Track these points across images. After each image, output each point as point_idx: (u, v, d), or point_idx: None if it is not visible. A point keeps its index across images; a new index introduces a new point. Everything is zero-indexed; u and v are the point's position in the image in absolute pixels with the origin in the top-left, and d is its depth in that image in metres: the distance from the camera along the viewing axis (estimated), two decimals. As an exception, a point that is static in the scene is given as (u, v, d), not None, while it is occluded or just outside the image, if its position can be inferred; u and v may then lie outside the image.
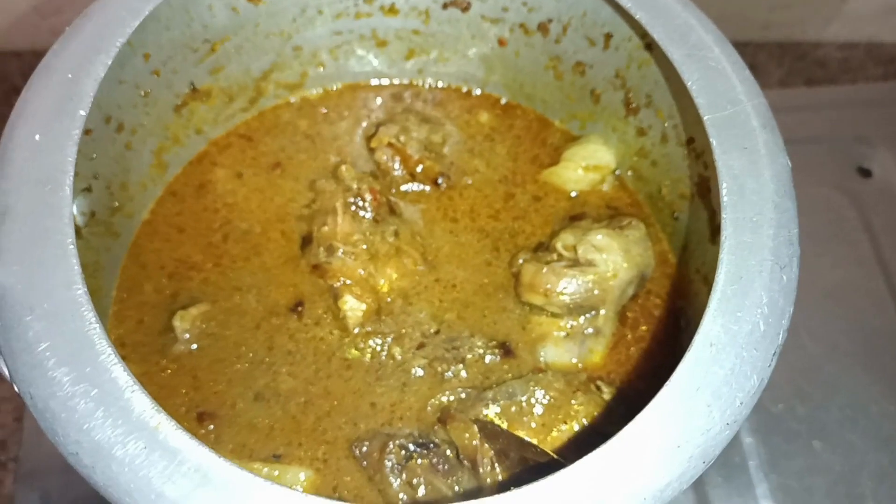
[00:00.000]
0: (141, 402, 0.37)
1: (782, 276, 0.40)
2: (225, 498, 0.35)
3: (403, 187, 0.64)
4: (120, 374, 0.37)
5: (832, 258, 0.86)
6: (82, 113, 0.43)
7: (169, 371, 0.57)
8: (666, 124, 0.57)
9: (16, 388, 0.40)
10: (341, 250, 0.58)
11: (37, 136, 0.43)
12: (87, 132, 0.51)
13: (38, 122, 0.43)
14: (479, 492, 0.51)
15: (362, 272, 0.58)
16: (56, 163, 0.42)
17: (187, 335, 0.57)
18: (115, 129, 0.55)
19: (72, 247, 0.40)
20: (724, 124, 0.44)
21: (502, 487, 0.51)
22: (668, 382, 0.37)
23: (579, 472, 0.36)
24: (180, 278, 0.60)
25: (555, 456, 0.49)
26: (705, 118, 0.44)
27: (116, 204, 0.58)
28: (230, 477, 0.36)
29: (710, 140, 0.44)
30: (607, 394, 0.56)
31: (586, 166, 0.64)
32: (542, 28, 0.60)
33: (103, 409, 0.37)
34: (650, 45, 0.54)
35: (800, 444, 0.77)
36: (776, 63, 1.27)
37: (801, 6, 1.17)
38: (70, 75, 0.44)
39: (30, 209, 0.41)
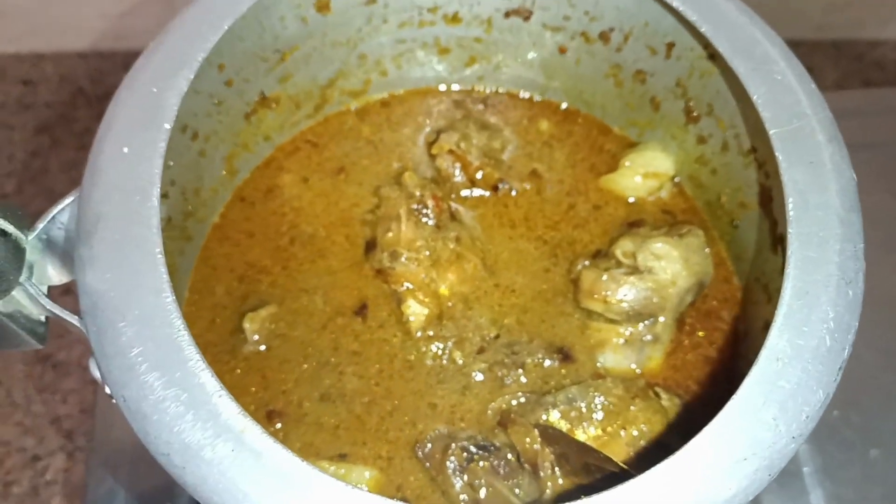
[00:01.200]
0: (227, 406, 0.39)
1: (848, 291, 0.41)
2: (306, 497, 0.37)
3: (464, 193, 0.65)
4: (207, 379, 0.39)
5: (890, 266, 0.86)
6: (167, 126, 0.45)
7: (239, 371, 0.59)
8: (727, 133, 0.57)
9: (107, 391, 0.43)
10: (405, 256, 0.60)
11: (125, 149, 0.45)
12: (165, 142, 0.54)
13: (126, 135, 0.45)
14: (539, 497, 0.52)
15: (424, 277, 0.60)
16: (144, 173, 0.44)
17: (256, 336, 0.59)
18: (190, 138, 0.57)
19: (160, 255, 0.42)
20: (790, 138, 0.45)
21: (563, 493, 0.52)
22: (734, 396, 0.38)
23: (648, 483, 0.37)
24: (250, 281, 0.62)
25: (617, 461, 0.50)
26: (771, 132, 0.45)
27: (190, 208, 0.60)
28: (311, 480, 0.37)
29: (776, 154, 0.44)
30: (665, 400, 0.56)
31: (645, 173, 0.64)
32: (603, 37, 0.61)
33: (193, 412, 0.39)
34: (713, 56, 0.55)
35: (855, 453, 0.77)
36: (832, 64, 1.25)
37: (858, 6, 1.15)
38: (154, 89, 0.46)
39: (120, 217, 0.43)
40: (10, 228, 0.43)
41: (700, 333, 0.59)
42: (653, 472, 0.37)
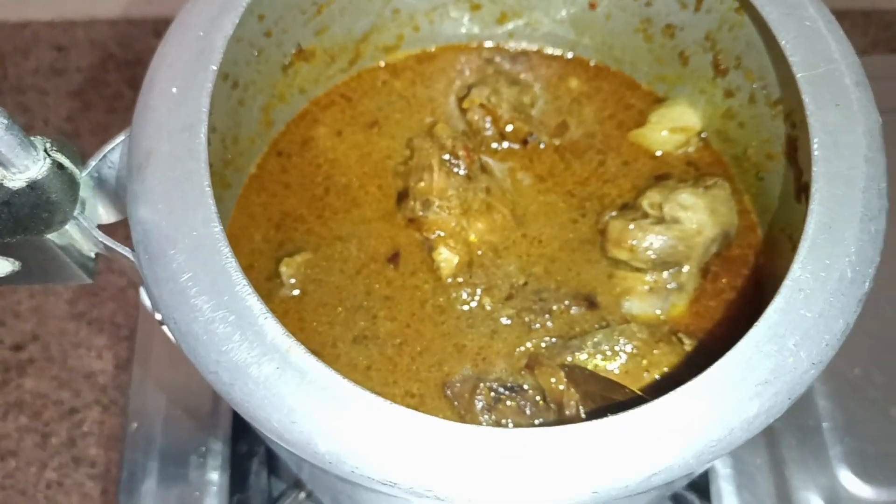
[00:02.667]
0: (273, 328, 0.41)
1: (871, 226, 0.42)
2: (348, 412, 0.39)
3: (493, 145, 0.67)
4: (254, 302, 0.41)
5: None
6: (213, 68, 0.47)
7: (276, 314, 0.61)
8: (755, 85, 0.58)
9: (158, 316, 0.45)
10: (436, 204, 0.61)
11: (174, 89, 0.47)
12: (208, 88, 0.56)
13: (175, 75, 0.47)
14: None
15: (455, 225, 0.62)
16: (192, 112, 0.46)
17: (293, 280, 0.61)
18: (231, 86, 0.59)
19: (208, 188, 0.44)
20: (818, 82, 0.46)
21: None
22: (756, 323, 0.40)
23: (673, 402, 0.39)
24: (286, 229, 0.64)
25: (642, 395, 0.51)
26: (798, 76, 0.46)
27: (229, 156, 0.62)
28: (352, 394, 0.39)
29: (804, 97, 0.45)
30: (688, 345, 0.58)
31: (672, 128, 0.65)
32: (634, -8, 0.62)
33: (240, 332, 0.41)
34: (743, 7, 0.56)
35: (876, 411, 0.78)
36: (861, 32, 1.25)
37: (889, -27, 1.15)
38: (202, 32, 0.48)
39: (171, 153, 0.45)
40: (66, 162, 0.45)
41: (724, 280, 0.60)
42: (676, 394, 0.39)
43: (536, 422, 0.57)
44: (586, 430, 0.38)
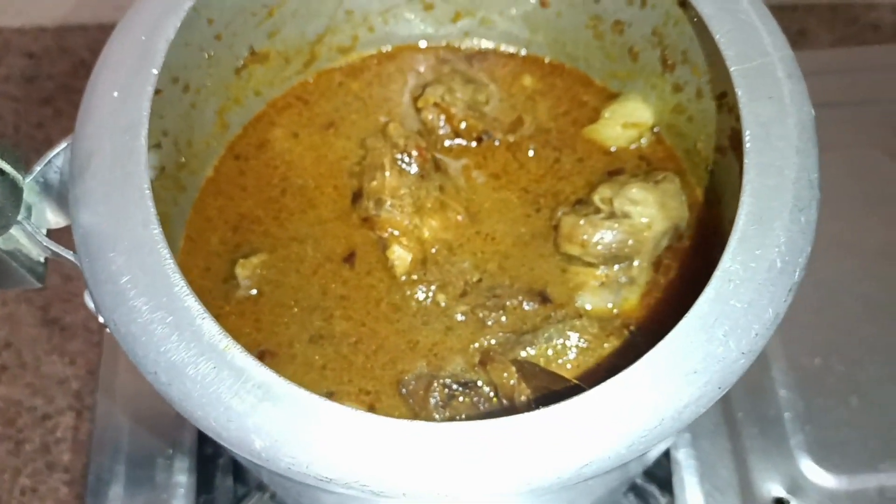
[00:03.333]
0: (210, 328, 0.41)
1: (801, 217, 0.43)
2: (285, 411, 0.40)
3: (447, 142, 0.67)
4: (192, 303, 0.42)
5: (875, 219, 0.87)
6: (154, 71, 0.47)
7: (233, 315, 0.61)
8: (701, 80, 0.59)
9: (100, 319, 0.45)
10: (389, 203, 0.62)
11: (115, 93, 0.47)
12: (157, 92, 0.55)
13: (116, 79, 0.48)
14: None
15: (408, 224, 0.62)
16: (133, 115, 0.46)
17: (248, 281, 0.62)
18: (181, 90, 0.59)
19: (148, 191, 0.44)
20: (752, 75, 0.46)
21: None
22: (687, 314, 0.40)
23: (603, 394, 0.39)
24: (243, 231, 0.64)
25: (580, 384, 0.52)
26: (732, 69, 0.46)
27: (183, 160, 0.62)
28: (289, 392, 0.40)
29: (737, 90, 0.46)
30: (639, 338, 0.59)
31: (625, 123, 0.66)
32: (582, -12, 0.63)
33: (178, 333, 0.41)
34: (684, 2, 0.56)
35: (836, 399, 0.79)
36: (826, 27, 1.26)
37: (853, -33, 1.16)
38: (143, 37, 0.49)
39: (111, 155, 0.45)
40: (6, 168, 0.46)
41: (675, 272, 0.61)
42: (608, 384, 0.39)
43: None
44: (517, 423, 0.39)
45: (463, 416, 0.58)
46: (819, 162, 0.45)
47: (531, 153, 0.67)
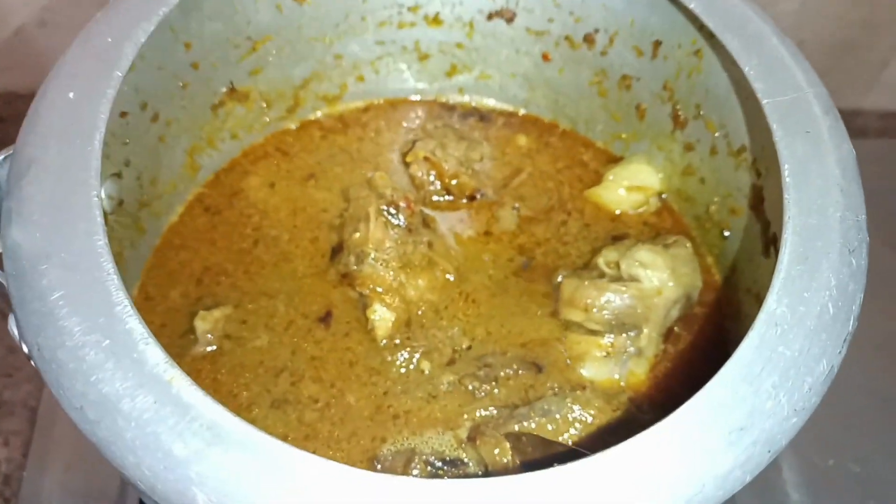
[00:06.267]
0: (155, 354, 0.34)
1: (851, 259, 0.37)
2: (237, 457, 0.32)
3: (437, 199, 0.62)
4: (135, 325, 0.35)
5: (884, 313, 0.82)
6: (118, 73, 0.42)
7: (189, 373, 0.53)
8: (716, 135, 0.55)
9: (24, 348, 0.38)
10: (372, 256, 0.56)
11: (70, 94, 0.41)
12: (122, 115, 0.51)
13: (74, 82, 0.42)
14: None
15: (393, 280, 0.56)
16: (88, 118, 0.40)
17: (209, 336, 0.54)
18: (150, 118, 0.54)
19: (96, 199, 0.38)
20: (785, 109, 0.42)
21: None
22: (730, 360, 0.34)
23: (628, 453, 0.32)
24: (207, 283, 0.58)
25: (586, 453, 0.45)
26: (764, 102, 0.42)
27: (145, 198, 0.56)
28: (244, 436, 0.32)
29: (771, 124, 0.41)
30: (649, 416, 0.52)
31: (629, 186, 0.61)
32: (588, 40, 0.59)
33: (114, 360, 0.34)
34: (701, 51, 0.53)
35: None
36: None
37: (838, 73, 1.16)
38: (110, 39, 0.43)
39: (57, 161, 0.39)
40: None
41: (687, 345, 0.54)
42: (634, 441, 0.32)
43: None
44: (519, 484, 0.31)
45: (446, 499, 0.49)
46: (865, 203, 0.40)
47: (527, 213, 0.62)
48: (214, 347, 0.54)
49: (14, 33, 1.01)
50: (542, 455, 0.47)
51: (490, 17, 0.61)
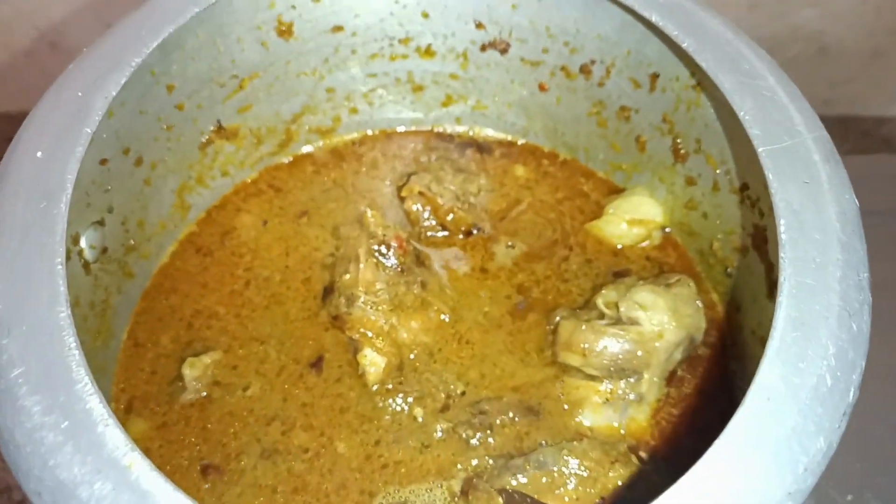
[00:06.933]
0: (114, 437, 0.33)
1: (852, 324, 0.35)
2: (196, 551, 0.31)
3: (431, 234, 0.60)
4: (95, 405, 0.33)
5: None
6: (88, 130, 0.41)
7: (176, 420, 0.53)
8: (718, 171, 0.53)
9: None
10: (362, 299, 0.54)
11: (39, 153, 0.40)
12: (102, 162, 0.50)
13: (42, 139, 0.41)
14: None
15: (384, 324, 0.54)
16: (56, 179, 0.39)
17: (197, 384, 0.53)
18: (133, 162, 0.53)
19: (60, 267, 0.37)
20: (782, 157, 0.40)
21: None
22: (717, 439, 0.32)
23: (610, 541, 0.30)
24: (198, 328, 0.56)
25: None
26: (760, 150, 0.40)
27: (132, 242, 0.55)
28: (204, 526, 0.31)
29: (766, 174, 0.39)
30: (650, 466, 0.50)
31: (630, 220, 0.59)
32: (585, 70, 0.57)
33: (72, 443, 0.33)
34: (699, 84, 0.50)
35: (871, 543, 0.69)
36: (839, 139, 1.22)
37: (862, 80, 1.13)
38: (80, 93, 0.42)
39: (22, 225, 0.38)
40: None
41: (690, 387, 0.52)
42: (617, 529, 0.30)
43: (470, 558, 0.48)
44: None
45: (438, 556, 0.48)
46: (868, 260, 0.37)
47: (526, 248, 0.60)
48: (204, 394, 0.53)
49: (25, 55, 1.00)
50: (534, 516, 0.45)
51: (483, 48, 0.59)
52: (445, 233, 0.60)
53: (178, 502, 0.31)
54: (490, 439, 0.52)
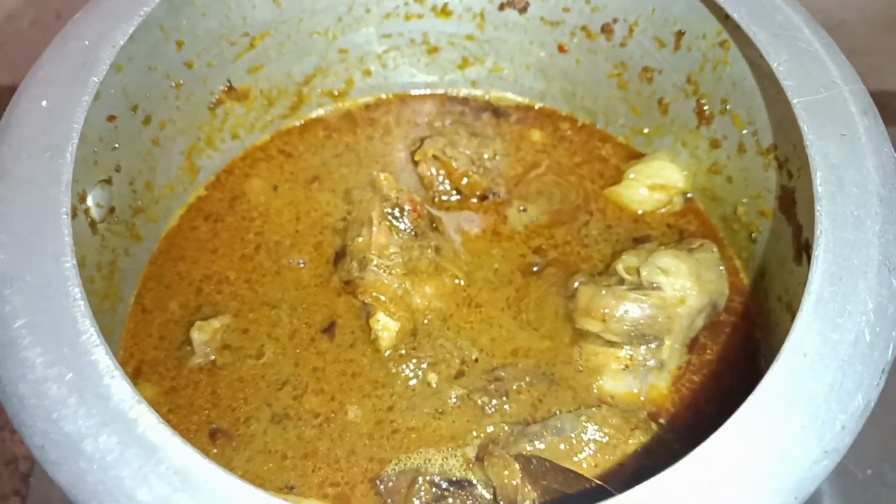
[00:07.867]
0: (120, 389, 0.31)
1: (892, 279, 0.33)
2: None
3: (445, 199, 0.59)
4: (101, 356, 0.32)
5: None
6: (95, 79, 0.39)
7: (184, 385, 0.52)
8: (744, 132, 0.51)
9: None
10: (375, 262, 0.53)
11: (44, 102, 0.39)
12: (110, 118, 0.48)
13: (48, 89, 0.40)
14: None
15: (397, 287, 0.53)
16: (61, 129, 0.38)
17: (206, 348, 0.52)
18: (142, 121, 0.51)
19: (65, 216, 0.35)
20: (818, 109, 0.38)
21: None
22: (751, 395, 0.31)
23: (644, 500, 0.29)
24: (208, 292, 0.55)
25: (610, 489, 0.41)
26: (794, 101, 0.38)
27: (140, 203, 0.54)
28: (215, 482, 0.30)
29: (801, 126, 0.37)
30: (671, 433, 0.48)
31: (651, 185, 0.58)
32: (606, 30, 0.55)
33: (77, 395, 0.31)
34: (727, 41, 0.49)
35: (890, 516, 0.67)
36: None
37: (881, 53, 1.10)
38: (87, 42, 0.41)
39: (27, 176, 0.37)
40: None
41: (712, 354, 0.51)
42: (651, 484, 0.29)
43: (486, 526, 0.47)
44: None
45: (453, 524, 0.47)
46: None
47: (541, 212, 0.58)
48: (213, 358, 0.52)
49: (30, 25, 0.99)
50: (554, 482, 0.44)
51: (501, 6, 0.57)
52: (459, 197, 0.59)
53: (186, 456, 0.30)
54: (506, 406, 0.50)
